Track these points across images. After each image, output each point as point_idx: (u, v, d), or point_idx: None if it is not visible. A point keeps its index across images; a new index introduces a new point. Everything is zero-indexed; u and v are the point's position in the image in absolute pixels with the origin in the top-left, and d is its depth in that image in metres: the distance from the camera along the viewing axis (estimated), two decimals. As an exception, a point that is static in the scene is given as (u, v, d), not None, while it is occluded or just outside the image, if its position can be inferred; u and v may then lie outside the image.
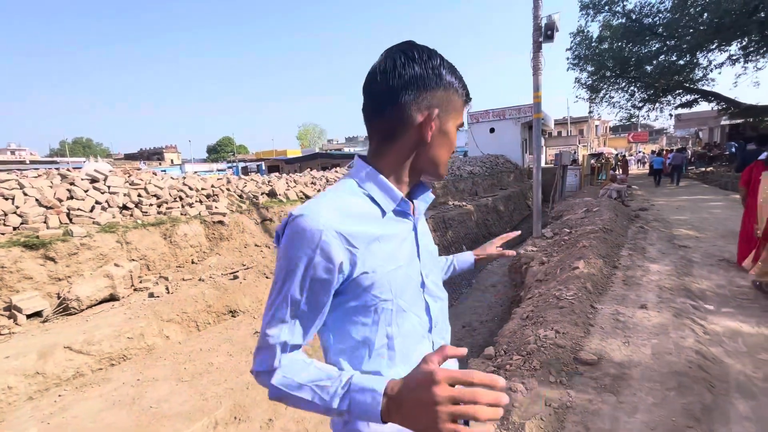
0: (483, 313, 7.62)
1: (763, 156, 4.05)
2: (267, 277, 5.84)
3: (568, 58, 16.73)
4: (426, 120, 0.73)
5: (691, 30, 13.76)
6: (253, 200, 7.67)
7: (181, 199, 6.61)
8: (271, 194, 8.30)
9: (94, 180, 5.83)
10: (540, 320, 3.33)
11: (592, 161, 18.16)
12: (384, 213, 0.75)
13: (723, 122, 19.89)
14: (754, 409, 2.18)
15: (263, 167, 30.10)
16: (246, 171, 27.77)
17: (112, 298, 4.70)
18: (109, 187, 5.86)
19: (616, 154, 24.90)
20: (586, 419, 2.16)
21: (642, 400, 2.28)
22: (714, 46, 13.98)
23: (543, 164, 13.26)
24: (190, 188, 6.94)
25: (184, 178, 7.56)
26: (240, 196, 7.71)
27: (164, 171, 14.56)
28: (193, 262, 5.95)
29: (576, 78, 17.16)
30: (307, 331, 0.71)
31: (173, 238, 5.82)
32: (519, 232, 1.40)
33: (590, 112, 20.61)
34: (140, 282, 5.14)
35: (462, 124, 0.80)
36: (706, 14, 13.09)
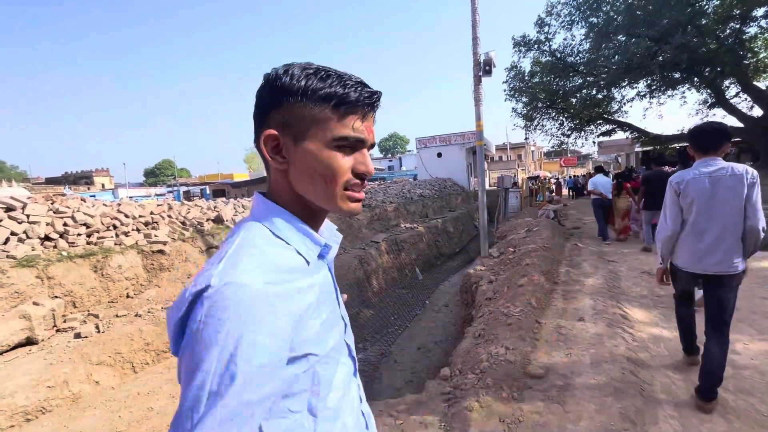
0: (437, 333, 7.74)
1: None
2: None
3: (505, 90, 18.22)
4: (263, 146, 0.63)
5: (606, 69, 15.70)
6: (197, 227, 7.28)
7: (115, 227, 6.10)
8: (218, 220, 7.94)
9: (9, 208, 5.21)
10: (491, 338, 3.48)
11: (530, 184, 19.60)
12: (308, 262, 0.64)
13: (636, 149, 22.62)
14: (677, 407, 2.43)
15: (207, 191, 28.74)
16: (188, 196, 26.36)
17: (30, 341, 4.15)
18: (28, 216, 5.27)
19: (550, 178, 27.16)
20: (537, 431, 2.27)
21: (585, 408, 2.45)
22: (625, 84, 16.04)
23: (487, 187, 14.16)
24: (126, 215, 6.45)
25: (119, 204, 7.00)
26: (183, 223, 7.28)
27: (94, 196, 13.36)
28: (128, 296, 5.46)
29: (513, 108, 18.68)
30: None
31: (105, 270, 5.32)
32: None
33: (526, 138, 22.44)
34: (64, 321, 4.61)
35: (348, 140, 0.62)
36: (617, 56, 15.05)
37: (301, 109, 0.60)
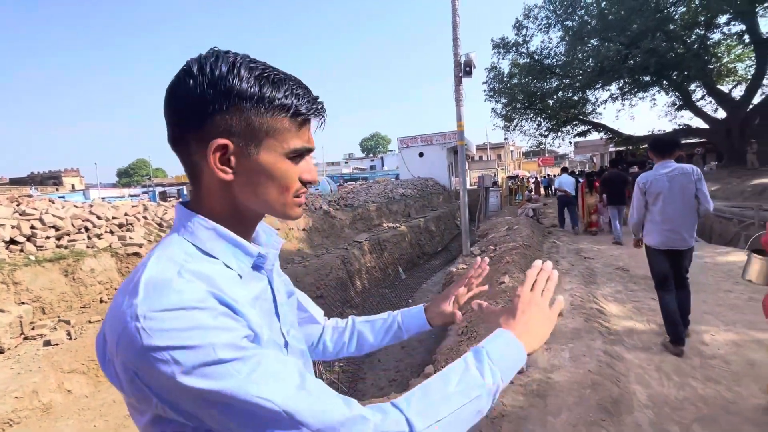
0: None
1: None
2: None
3: (485, 91, 18.54)
4: (211, 156, 0.55)
5: (581, 71, 16.19)
6: (175, 228, 7.10)
7: (87, 230, 5.87)
8: (196, 221, 7.76)
9: (-29, 211, 4.95)
10: (474, 335, 3.53)
11: (510, 183, 19.99)
12: (240, 276, 0.59)
13: (610, 149, 23.41)
14: (650, 396, 2.54)
15: (185, 192, 27.99)
16: (164, 196, 25.58)
17: (-5, 351, 3.95)
18: (-9, 218, 5.01)
19: (529, 177, 27.76)
20: (519, 426, 2.32)
21: (564, 400, 2.52)
22: (599, 86, 16.57)
23: (468, 186, 14.37)
24: (99, 217, 6.22)
25: (91, 205, 6.74)
26: (159, 225, 7.08)
27: (63, 198, 12.81)
28: (102, 301, 5.26)
29: (492, 108, 19.02)
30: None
31: (77, 274, 5.11)
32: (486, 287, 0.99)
33: (506, 138, 22.92)
34: (33, 329, 4.41)
35: (301, 151, 0.59)
36: (591, 59, 15.54)
37: (255, 119, 0.55)
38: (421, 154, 24.87)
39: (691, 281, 4.56)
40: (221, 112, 0.54)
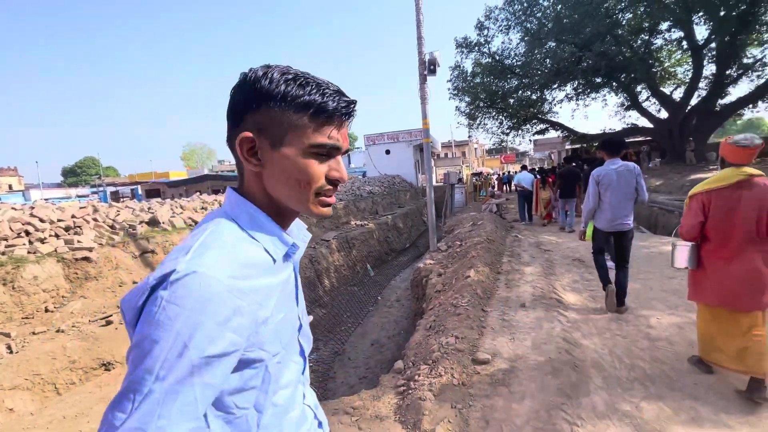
0: (390, 328, 7.85)
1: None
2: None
3: (449, 89, 18.87)
4: (238, 147, 0.63)
5: (539, 72, 16.87)
6: (129, 231, 6.69)
7: (28, 234, 5.42)
8: (153, 222, 7.36)
9: None
10: (441, 328, 3.61)
11: (474, 179, 20.53)
12: (274, 260, 0.65)
13: (567, 146, 24.63)
14: (605, 378, 2.71)
15: (139, 192, 26.53)
16: (117, 197, 24.13)
17: None
18: None
19: (492, 174, 28.66)
20: (486, 414, 2.40)
21: (527, 387, 2.63)
22: (556, 86, 17.35)
23: (434, 183, 14.60)
24: (42, 220, 5.75)
25: (32, 208, 6.22)
26: (112, 227, 6.65)
27: (-1, 199, 11.69)
28: (47, 311, 4.88)
29: (456, 106, 19.41)
30: None
31: (17, 282, 4.71)
32: None
33: (469, 136, 23.46)
34: (-34, 344, 4.00)
35: (325, 147, 0.64)
36: (548, 59, 16.23)
37: (279, 115, 0.61)
38: (387, 152, 25.00)
39: (639, 270, 4.93)
40: (252, 110, 0.62)
